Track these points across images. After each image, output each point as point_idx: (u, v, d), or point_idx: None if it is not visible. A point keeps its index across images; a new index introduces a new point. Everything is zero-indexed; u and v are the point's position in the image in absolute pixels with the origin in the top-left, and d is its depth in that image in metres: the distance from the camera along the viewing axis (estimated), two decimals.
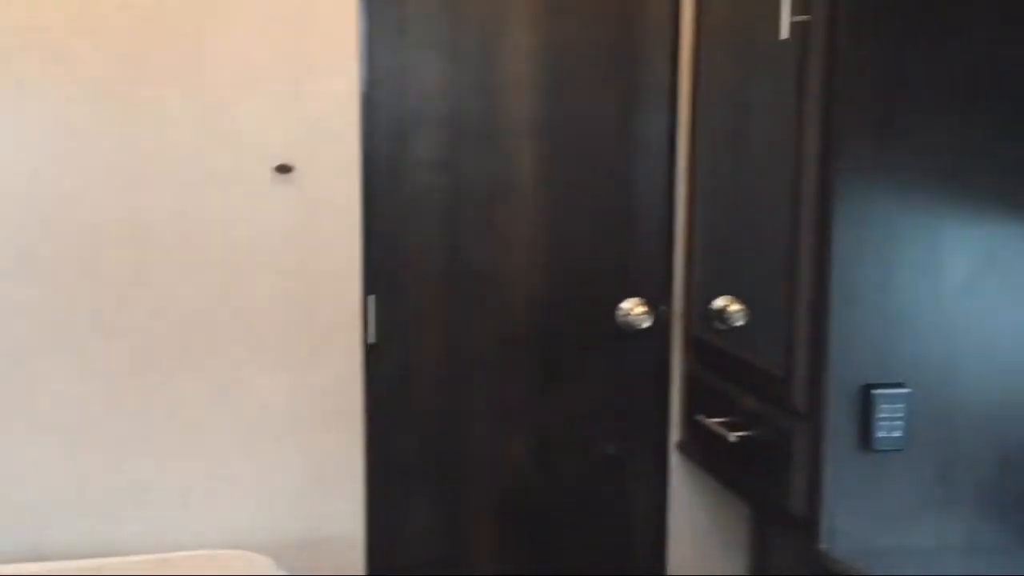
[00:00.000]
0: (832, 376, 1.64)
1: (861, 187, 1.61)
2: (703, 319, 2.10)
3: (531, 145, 2.09)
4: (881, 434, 1.64)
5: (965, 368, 1.67)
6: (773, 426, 1.80)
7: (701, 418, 2.05)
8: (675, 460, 2.24)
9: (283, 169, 1.97)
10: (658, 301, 2.19)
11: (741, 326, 1.97)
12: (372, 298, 2.06)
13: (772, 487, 1.80)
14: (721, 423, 1.97)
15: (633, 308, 2.17)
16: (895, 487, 1.67)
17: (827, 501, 1.65)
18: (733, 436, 1.90)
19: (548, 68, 2.08)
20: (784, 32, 1.63)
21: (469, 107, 2.06)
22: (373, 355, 2.08)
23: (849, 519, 1.66)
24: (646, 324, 2.17)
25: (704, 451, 2.12)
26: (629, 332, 2.18)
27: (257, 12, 1.93)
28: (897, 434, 1.65)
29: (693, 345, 2.17)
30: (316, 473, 2.05)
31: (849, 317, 1.63)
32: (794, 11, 1.62)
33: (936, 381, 1.66)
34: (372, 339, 2.07)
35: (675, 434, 2.24)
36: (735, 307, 1.99)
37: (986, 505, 1.69)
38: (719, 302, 2.02)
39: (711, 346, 2.07)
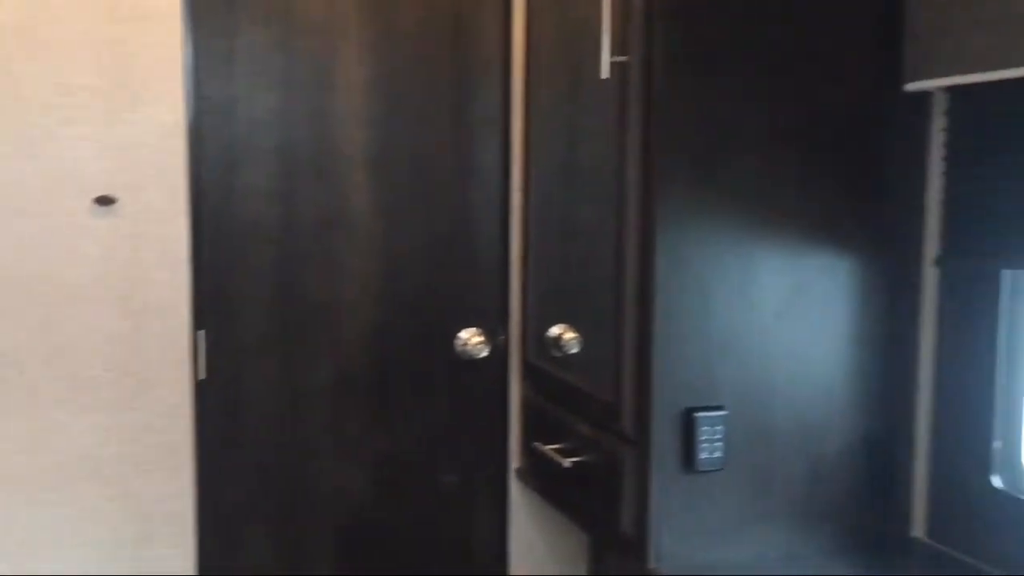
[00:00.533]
0: (657, 401, 1.70)
1: (681, 220, 1.68)
2: (540, 347, 2.14)
3: (365, 175, 2.09)
4: (703, 455, 1.71)
5: (779, 390, 1.76)
6: (605, 451, 1.85)
7: (538, 445, 2.09)
8: (515, 487, 2.27)
9: (104, 201, 1.89)
10: (496, 330, 2.22)
11: (576, 353, 2.02)
12: (202, 333, 2.01)
13: (604, 511, 1.84)
14: (556, 449, 2.01)
15: (471, 337, 2.19)
16: (717, 504, 1.74)
17: (654, 522, 1.71)
18: (567, 462, 1.94)
19: (382, 99, 2.09)
20: (605, 72, 1.69)
21: (302, 137, 2.04)
22: (204, 391, 2.02)
23: (675, 538, 1.72)
24: (484, 353, 2.20)
25: (542, 477, 2.16)
26: (468, 361, 2.20)
27: (77, 38, 1.86)
28: (718, 454, 1.72)
29: (530, 373, 2.20)
30: (142, 517, 1.97)
31: (672, 344, 1.70)
32: (613, 52, 1.69)
33: (753, 403, 1.75)
34: (202, 374, 2.01)
35: (514, 461, 2.27)
36: (569, 335, 2.04)
37: (800, 516, 1.78)
38: (554, 330, 2.07)
39: (547, 374, 2.12)
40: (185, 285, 1.97)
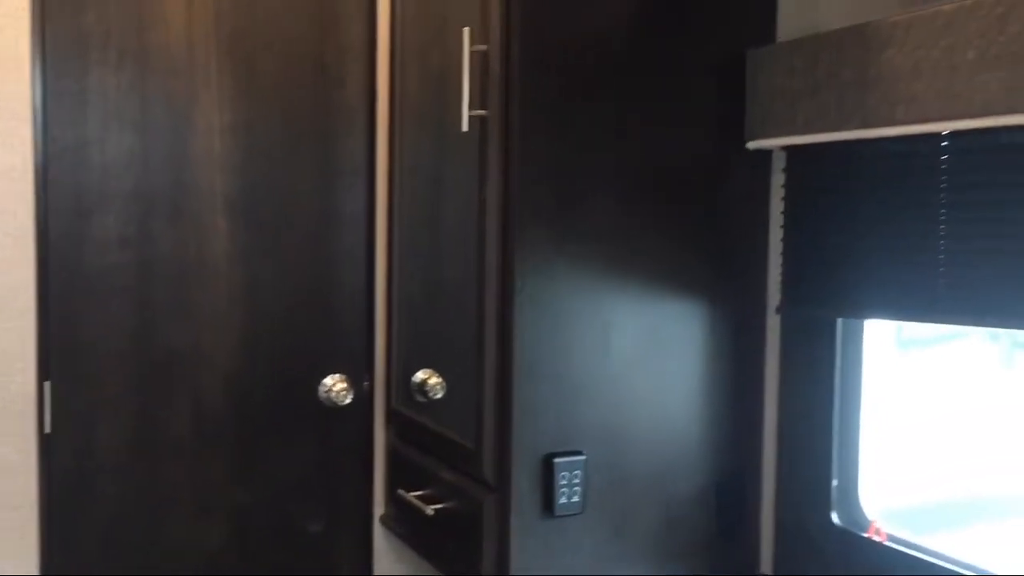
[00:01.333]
0: (517, 447, 1.73)
1: (539, 269, 1.72)
2: (405, 393, 2.14)
3: (226, 222, 2.06)
4: (562, 500, 1.75)
5: (635, 433, 1.82)
6: (467, 498, 1.86)
7: (402, 492, 2.08)
8: (379, 534, 2.25)
9: None
10: (360, 376, 2.21)
11: (440, 399, 2.03)
12: (48, 384, 1.93)
13: (466, 558, 1.85)
14: (420, 496, 2.01)
15: (335, 384, 2.17)
16: (576, 548, 1.78)
17: (515, 567, 1.73)
18: (430, 509, 1.95)
19: (243, 144, 2.06)
20: (464, 126, 1.72)
21: (159, 182, 2.00)
22: (50, 445, 1.93)
23: None
24: (348, 400, 2.18)
25: (406, 524, 2.15)
26: (332, 408, 2.18)
27: None
28: (576, 499, 1.76)
29: (395, 419, 2.20)
30: None
31: (531, 391, 1.73)
32: (472, 106, 1.73)
33: (610, 447, 1.80)
34: (48, 428, 1.93)
35: (379, 509, 2.25)
36: (434, 380, 2.05)
37: (655, 557, 1.84)
38: (419, 375, 2.08)
39: (412, 420, 2.12)
40: (31, 335, 1.89)
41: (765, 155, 1.87)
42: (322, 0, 2.10)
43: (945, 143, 1.48)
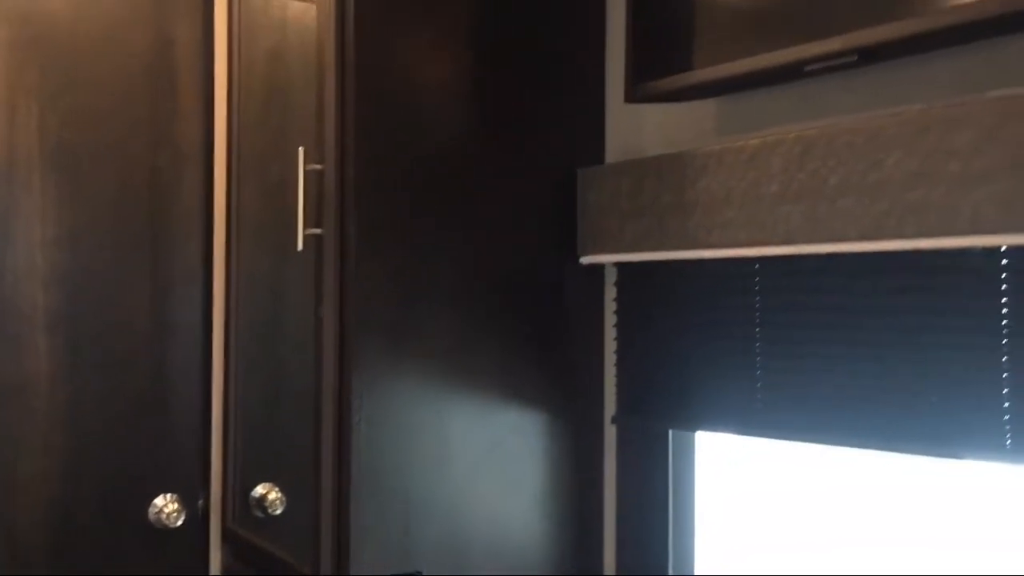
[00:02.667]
0: (354, 568, 1.69)
1: (378, 385, 1.72)
2: (243, 510, 2.07)
3: (48, 339, 1.97)
4: None
5: (476, 547, 1.81)
6: None
7: None
8: None
9: None
10: (195, 494, 2.13)
11: (281, 515, 1.97)
12: None
13: None
14: None
15: (166, 505, 2.08)
16: None
17: None
18: None
19: (69, 257, 1.99)
20: (299, 244, 1.72)
21: None
22: None
23: None
24: (181, 520, 2.09)
25: None
26: (163, 530, 2.08)
27: None
28: None
29: (231, 540, 2.12)
30: None
31: (370, 510, 1.70)
32: (307, 224, 1.72)
33: (451, 564, 1.78)
34: None
35: None
36: (274, 495, 2.00)
37: None
38: (259, 490, 2.02)
39: (248, 541, 2.05)
40: None
41: (599, 270, 1.93)
42: (155, 103, 2.07)
43: (756, 266, 1.58)
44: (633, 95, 1.68)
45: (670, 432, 1.83)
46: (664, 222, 1.68)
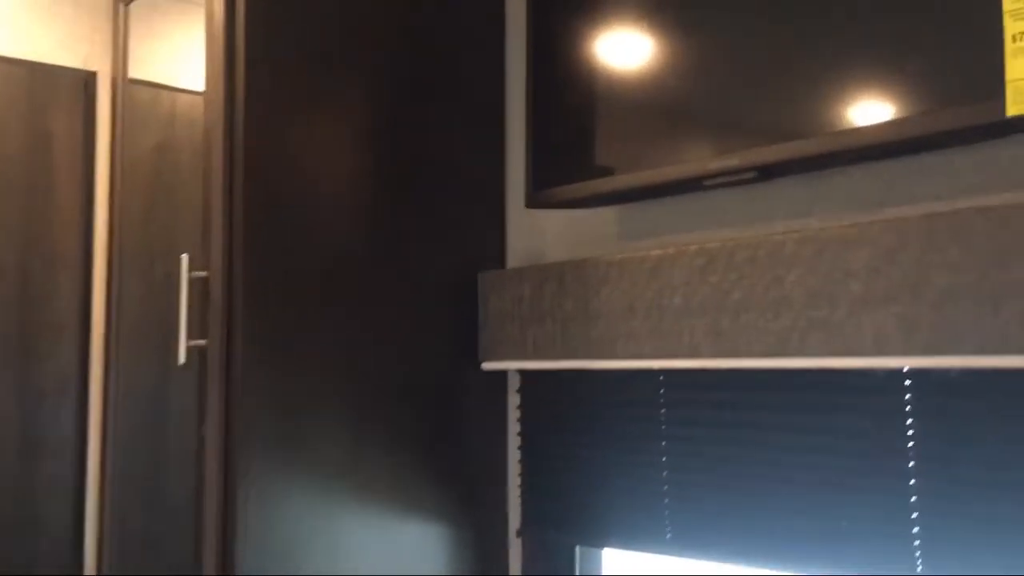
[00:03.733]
0: None
1: (266, 503, 1.60)
2: None
3: None
4: None
5: None
6: None
7: None
8: None
9: None
10: None
11: None
12: None
13: None
14: None
15: None
16: None
17: None
18: None
19: None
20: (182, 358, 1.61)
21: None
22: None
23: None
24: None
25: None
26: None
27: None
28: None
29: None
30: None
31: None
32: (191, 335, 1.62)
33: None
34: None
35: None
36: None
37: None
38: None
39: None
40: None
41: (501, 376, 1.88)
42: (30, 203, 1.95)
43: (662, 378, 1.54)
44: (534, 201, 1.65)
45: (577, 552, 1.76)
46: (567, 330, 1.64)
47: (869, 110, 1.18)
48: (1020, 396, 1.13)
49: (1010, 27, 1.02)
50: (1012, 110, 1.02)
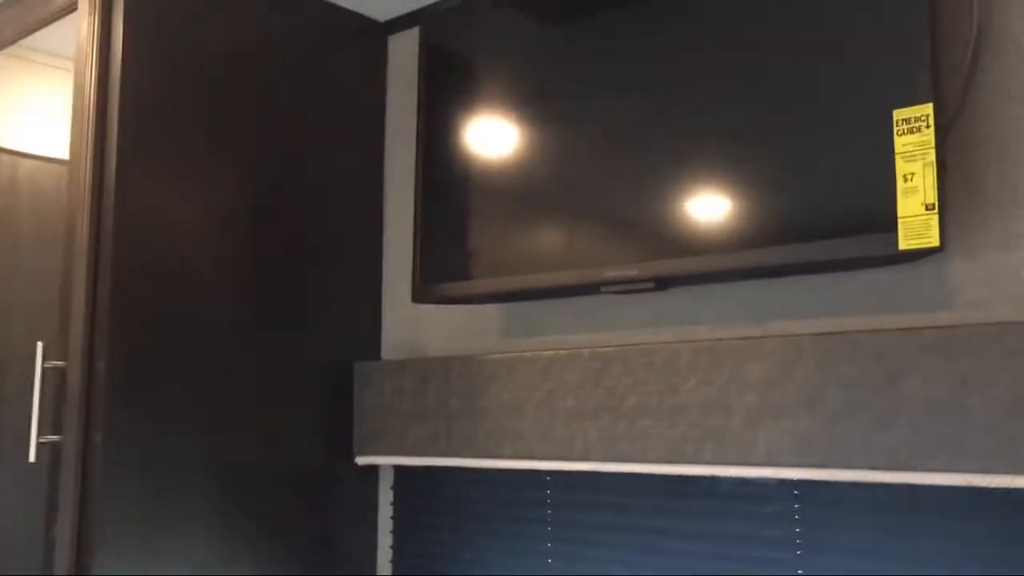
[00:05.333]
0: None
1: None
2: None
3: None
4: None
5: None
6: None
7: None
8: None
9: None
10: None
11: None
12: None
13: None
14: None
15: None
16: None
17: None
18: None
19: None
20: (32, 455, 1.47)
21: None
22: None
23: None
24: None
25: None
26: None
27: None
28: None
29: None
30: None
31: None
32: (42, 432, 1.48)
33: None
34: None
35: None
36: None
37: None
38: None
39: None
40: None
41: (374, 471, 1.82)
42: None
43: (549, 479, 1.54)
44: (421, 296, 1.63)
45: None
46: (452, 429, 1.61)
47: (769, 232, 1.24)
48: (902, 510, 1.20)
49: (901, 168, 1.11)
50: (903, 244, 1.10)
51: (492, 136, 1.57)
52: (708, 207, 1.30)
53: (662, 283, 1.35)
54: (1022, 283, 1.16)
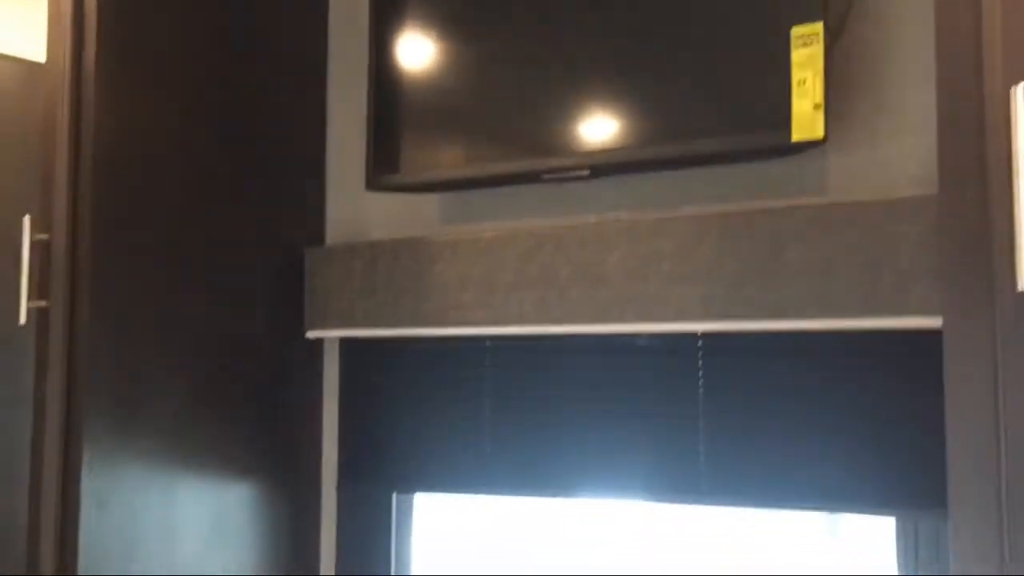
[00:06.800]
0: None
1: (108, 464, 1.65)
2: None
3: None
4: None
5: None
6: None
7: None
8: None
9: None
10: None
11: None
12: None
13: None
14: None
15: None
16: None
17: None
18: None
19: None
20: (22, 318, 1.61)
21: None
22: None
23: None
24: None
25: None
26: None
27: None
28: None
29: None
30: None
31: None
32: (31, 296, 1.63)
33: None
34: None
35: None
36: None
37: None
38: None
39: None
40: None
41: (319, 345, 2.02)
42: None
43: (488, 344, 1.78)
44: (375, 184, 1.82)
45: (393, 497, 1.95)
46: (399, 302, 1.83)
47: (685, 127, 1.49)
48: (788, 355, 1.50)
49: (796, 74, 1.38)
50: (796, 136, 1.37)
51: (443, 35, 1.76)
52: (633, 105, 1.54)
53: (595, 171, 1.59)
54: (883, 173, 1.46)
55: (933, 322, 1.29)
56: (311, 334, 1.97)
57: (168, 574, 1.73)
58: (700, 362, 1.56)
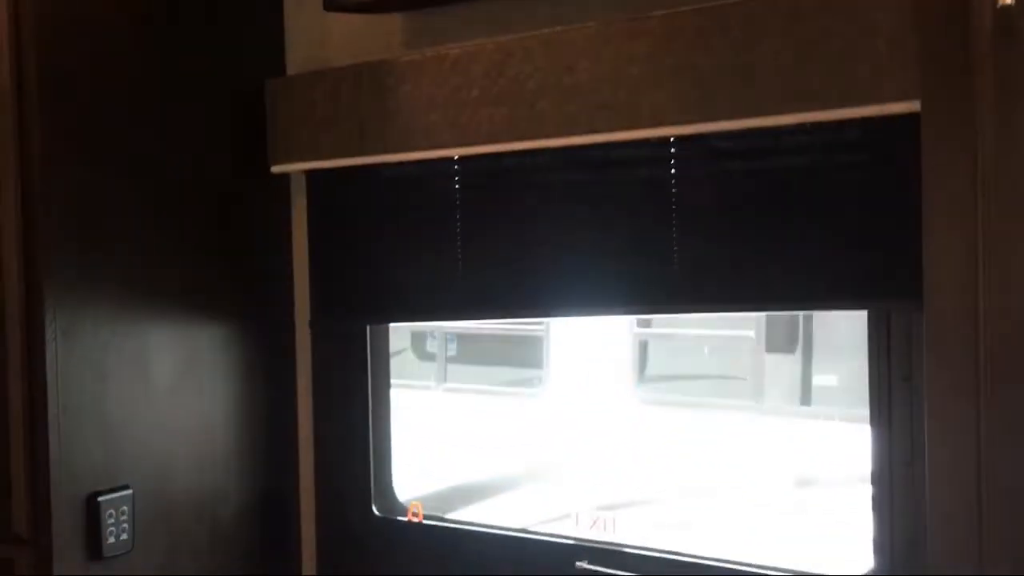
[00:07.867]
0: (56, 493, 1.60)
1: (70, 303, 1.62)
2: None
3: None
4: (110, 540, 1.66)
5: (179, 462, 1.79)
6: None
7: None
8: None
9: None
10: None
11: None
12: None
13: None
14: None
15: None
16: None
17: None
18: None
19: None
20: None
21: None
22: None
23: None
24: None
25: None
26: None
27: None
28: (124, 536, 1.68)
29: None
30: None
31: (69, 431, 1.61)
32: None
33: (156, 478, 1.75)
34: None
35: None
36: None
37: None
38: None
39: None
40: None
41: (285, 179, 1.97)
42: None
43: (457, 166, 1.74)
44: (333, 3, 1.75)
45: (367, 330, 1.94)
46: (364, 129, 1.78)
47: None
48: (755, 156, 1.47)
49: None
50: None
51: None
52: None
53: None
54: None
55: (911, 106, 1.26)
56: (276, 168, 1.92)
57: (142, 410, 1.73)
58: (673, 171, 1.54)
